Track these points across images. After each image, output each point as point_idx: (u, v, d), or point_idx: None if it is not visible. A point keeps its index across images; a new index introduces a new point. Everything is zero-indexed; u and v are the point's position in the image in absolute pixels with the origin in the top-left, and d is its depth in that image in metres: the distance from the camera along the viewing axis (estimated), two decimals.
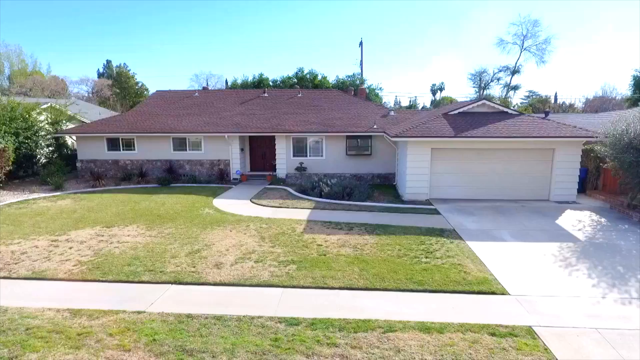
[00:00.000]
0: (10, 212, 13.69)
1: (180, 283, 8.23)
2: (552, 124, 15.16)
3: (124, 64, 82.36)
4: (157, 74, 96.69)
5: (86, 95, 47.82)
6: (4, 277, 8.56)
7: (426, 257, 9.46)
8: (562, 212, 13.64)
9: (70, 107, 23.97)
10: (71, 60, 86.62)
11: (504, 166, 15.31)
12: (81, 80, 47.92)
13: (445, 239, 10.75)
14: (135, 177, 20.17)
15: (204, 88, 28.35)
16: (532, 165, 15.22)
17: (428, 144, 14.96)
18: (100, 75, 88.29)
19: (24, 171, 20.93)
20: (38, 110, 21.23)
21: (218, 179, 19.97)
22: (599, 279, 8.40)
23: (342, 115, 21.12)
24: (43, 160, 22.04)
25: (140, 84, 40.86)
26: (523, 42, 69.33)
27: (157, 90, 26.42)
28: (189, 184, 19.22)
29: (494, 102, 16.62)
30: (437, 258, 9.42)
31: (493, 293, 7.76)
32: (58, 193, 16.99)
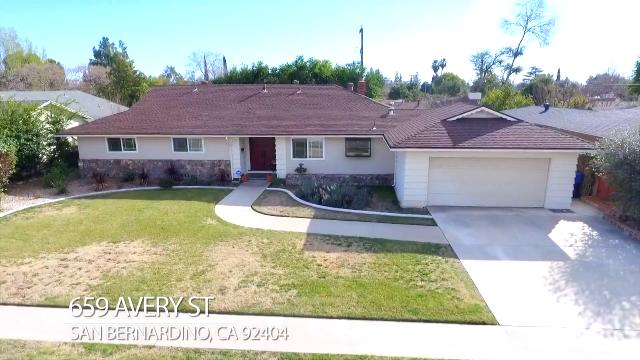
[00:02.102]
0: (18, 224, 14.04)
1: (187, 311, 8.65)
2: (548, 133, 15.32)
3: (120, 42, 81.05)
4: (154, 52, 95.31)
5: (82, 81, 47.32)
6: (19, 304, 8.99)
7: (421, 280, 9.87)
8: (555, 223, 13.99)
9: (70, 105, 23.97)
10: (66, 38, 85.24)
11: (500, 174, 15.55)
12: (79, 68, 47.36)
13: (440, 258, 11.14)
14: (137, 177, 20.40)
15: (202, 82, 28.22)
16: (528, 174, 15.46)
17: (426, 154, 15.17)
18: (96, 53, 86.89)
19: (27, 171, 21.15)
20: (38, 111, 21.26)
21: (219, 180, 20.21)
22: (585, 306, 8.82)
23: (342, 115, 21.17)
24: (45, 158, 22.22)
25: (138, 73, 40.45)
26: (527, 23, 68.19)
27: (155, 86, 26.33)
28: (191, 186, 19.47)
29: (492, 109, 16.73)
30: (432, 281, 9.83)
31: (483, 323, 8.20)
32: (62, 198, 17.28)
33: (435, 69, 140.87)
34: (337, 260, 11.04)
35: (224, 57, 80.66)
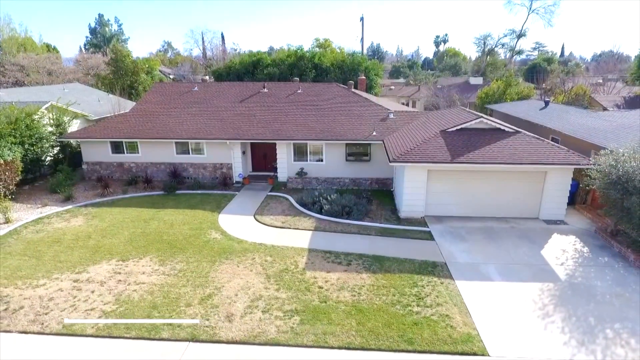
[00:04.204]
0: (29, 238, 14.50)
1: (197, 341, 9.23)
2: (545, 146, 15.57)
3: (116, 18, 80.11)
4: (150, 26, 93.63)
5: (80, 68, 46.84)
6: (39, 332, 9.56)
7: (417, 306, 10.41)
8: (548, 237, 14.45)
9: (70, 105, 24.03)
10: (62, 16, 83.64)
11: (497, 186, 15.91)
12: (76, 58, 46.76)
13: (436, 279, 11.65)
14: (140, 181, 20.73)
15: (202, 80, 28.12)
16: (524, 186, 15.82)
17: (424, 167, 15.48)
18: (92, 31, 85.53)
19: (32, 174, 21.47)
20: (39, 114, 21.37)
21: (221, 184, 20.57)
22: (571, 334, 9.38)
23: (342, 119, 21.30)
24: (49, 159, 22.45)
25: (135, 58, 40.07)
26: (531, 3, 66.96)
27: (156, 83, 26.29)
28: (194, 191, 19.83)
29: (490, 120, 16.88)
30: (428, 307, 10.37)
31: (474, 354, 8.78)
32: (69, 206, 17.68)
33: (437, 44, 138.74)
34: (337, 281, 11.56)
35: (222, 34, 79.78)
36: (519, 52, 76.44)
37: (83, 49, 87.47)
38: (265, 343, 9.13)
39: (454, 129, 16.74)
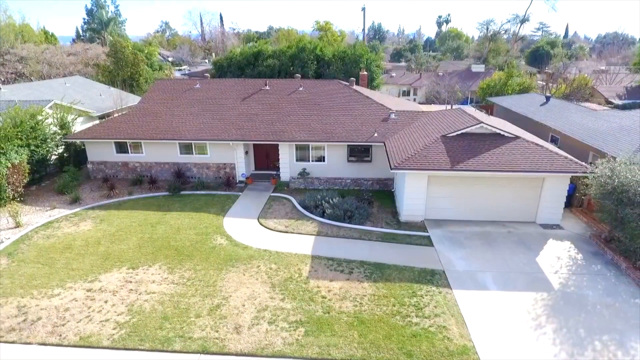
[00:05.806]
0: (40, 244, 14.94)
1: (208, 353, 9.77)
2: (544, 153, 15.82)
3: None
4: (147, 7, 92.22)
5: (79, 58, 46.54)
6: (57, 344, 10.10)
7: (416, 316, 10.91)
8: (544, 243, 14.88)
9: (75, 104, 24.16)
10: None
11: (495, 191, 16.26)
12: (73, 48, 46.41)
13: (434, 288, 12.14)
14: (145, 181, 21.10)
15: (203, 76, 28.07)
16: (522, 191, 16.17)
17: (425, 174, 15.80)
18: (89, 12, 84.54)
19: (38, 173, 21.77)
20: (44, 115, 21.54)
21: (225, 184, 20.90)
22: (561, 346, 9.90)
23: (344, 119, 21.46)
24: (54, 158, 22.73)
25: (134, 42, 39.90)
26: None
27: (157, 81, 26.31)
28: (198, 192, 20.19)
29: (490, 125, 17.05)
30: (426, 317, 10.88)
31: None
32: (77, 209, 18.07)
33: (439, 24, 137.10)
34: (340, 291, 12.05)
35: (220, 15, 79.22)
36: (522, 38, 75.55)
37: (80, 30, 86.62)
38: (272, 355, 9.67)
39: (454, 134, 16.96)
